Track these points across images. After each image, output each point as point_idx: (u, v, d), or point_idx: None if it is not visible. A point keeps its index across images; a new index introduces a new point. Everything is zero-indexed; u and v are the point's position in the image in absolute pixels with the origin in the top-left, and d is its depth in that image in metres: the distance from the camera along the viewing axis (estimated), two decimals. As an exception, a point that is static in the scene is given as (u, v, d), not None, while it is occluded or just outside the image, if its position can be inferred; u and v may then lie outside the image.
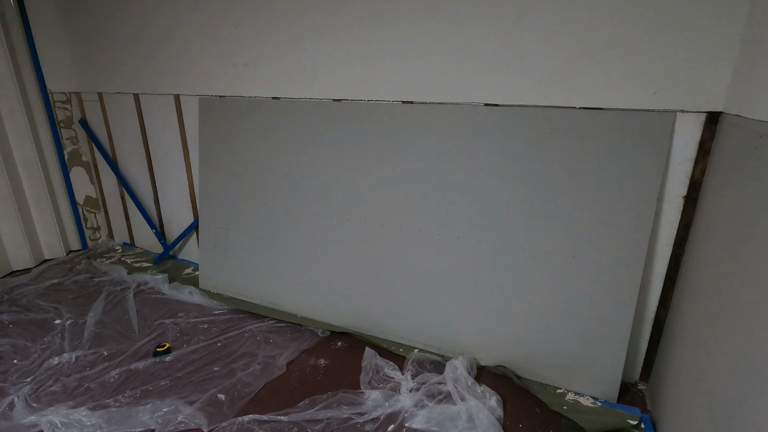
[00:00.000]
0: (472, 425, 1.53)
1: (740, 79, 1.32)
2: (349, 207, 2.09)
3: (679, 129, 1.50)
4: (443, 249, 1.90)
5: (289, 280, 2.30)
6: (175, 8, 2.35)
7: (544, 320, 1.75)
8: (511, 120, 1.72)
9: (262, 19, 2.13)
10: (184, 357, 1.99)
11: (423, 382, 1.77)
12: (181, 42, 2.39)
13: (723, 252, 1.23)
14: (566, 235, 1.68)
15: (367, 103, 2.00)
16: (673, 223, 1.60)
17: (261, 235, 2.36)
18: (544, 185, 1.69)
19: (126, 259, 3.01)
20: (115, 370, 1.89)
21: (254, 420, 1.61)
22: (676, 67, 1.45)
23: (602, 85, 1.57)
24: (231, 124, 2.35)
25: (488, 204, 1.79)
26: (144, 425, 1.59)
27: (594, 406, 1.65)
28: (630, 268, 1.59)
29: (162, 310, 2.39)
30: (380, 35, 1.88)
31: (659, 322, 1.72)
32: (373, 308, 2.09)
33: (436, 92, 1.85)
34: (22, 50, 2.68)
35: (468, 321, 1.89)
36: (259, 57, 2.21)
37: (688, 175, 1.54)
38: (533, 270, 1.74)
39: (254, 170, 2.32)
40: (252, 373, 1.87)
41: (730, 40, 1.36)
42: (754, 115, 1.15)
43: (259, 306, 2.37)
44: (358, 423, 1.60)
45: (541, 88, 1.66)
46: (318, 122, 2.11)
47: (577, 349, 1.71)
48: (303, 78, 2.13)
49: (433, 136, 1.86)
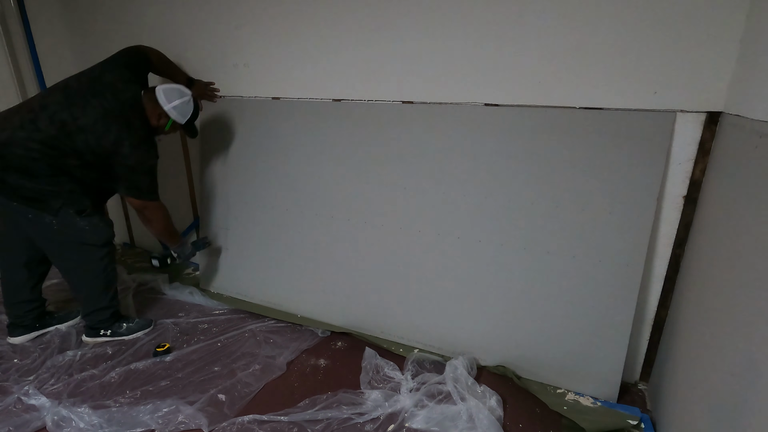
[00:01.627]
0: (472, 425, 1.53)
1: (740, 79, 1.32)
2: (349, 207, 2.09)
3: (679, 129, 1.50)
4: (443, 249, 1.90)
5: (290, 280, 2.30)
6: (175, 8, 2.35)
7: (544, 320, 1.75)
8: (511, 120, 1.72)
9: (262, 19, 2.13)
10: (184, 357, 1.99)
11: (423, 382, 1.77)
12: (181, 42, 2.39)
13: (723, 252, 1.23)
14: (566, 235, 1.68)
15: (367, 103, 2.00)
16: (673, 223, 1.60)
17: (261, 235, 2.36)
18: (544, 185, 1.69)
19: (126, 260, 3.01)
20: (115, 370, 1.89)
21: (254, 420, 1.61)
22: (676, 67, 1.45)
23: (602, 85, 1.57)
24: (231, 124, 2.35)
25: (488, 204, 1.79)
26: (144, 425, 1.59)
27: (594, 406, 1.66)
28: (630, 268, 1.59)
29: (162, 310, 2.39)
30: (380, 35, 1.88)
31: (659, 322, 1.73)
32: (373, 308, 2.09)
33: (436, 92, 1.85)
34: (22, 50, 2.68)
35: (468, 321, 1.89)
36: (259, 57, 2.21)
37: (688, 175, 1.54)
38: (533, 270, 1.74)
39: (254, 170, 2.32)
40: (252, 373, 1.87)
41: (730, 40, 1.36)
42: (754, 115, 1.15)
43: (259, 306, 2.37)
44: (358, 423, 1.60)
45: (541, 88, 1.66)
46: (318, 122, 2.11)
47: (577, 349, 1.71)
48: (303, 78, 2.13)
49: (433, 136, 1.86)
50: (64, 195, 1.82)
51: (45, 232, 1.86)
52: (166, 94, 1.91)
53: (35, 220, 1.82)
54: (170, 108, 1.91)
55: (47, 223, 1.83)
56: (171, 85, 1.95)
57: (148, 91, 1.92)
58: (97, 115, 1.78)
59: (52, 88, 1.86)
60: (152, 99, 1.91)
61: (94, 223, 1.92)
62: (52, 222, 1.83)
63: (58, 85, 1.87)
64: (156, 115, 1.92)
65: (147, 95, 1.91)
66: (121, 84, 1.85)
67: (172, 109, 1.92)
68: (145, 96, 1.90)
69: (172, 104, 1.91)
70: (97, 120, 1.78)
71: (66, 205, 1.83)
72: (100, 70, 1.89)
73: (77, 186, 1.86)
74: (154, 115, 1.92)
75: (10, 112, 1.82)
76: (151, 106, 1.91)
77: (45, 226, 1.84)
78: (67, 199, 1.83)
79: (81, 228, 1.89)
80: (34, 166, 1.75)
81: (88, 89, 1.82)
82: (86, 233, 1.90)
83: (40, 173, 1.77)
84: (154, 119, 1.93)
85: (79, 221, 1.87)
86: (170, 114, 1.92)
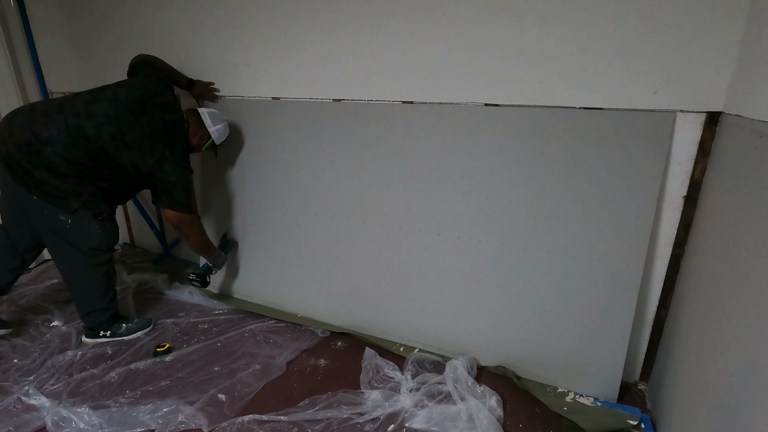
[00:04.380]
0: (472, 425, 1.53)
1: (740, 79, 1.32)
2: (349, 207, 2.09)
3: (679, 129, 1.50)
4: (443, 249, 1.90)
5: (289, 280, 2.30)
6: (175, 8, 2.35)
7: (544, 320, 1.75)
8: (511, 120, 1.72)
9: (262, 19, 2.13)
10: (184, 357, 1.99)
11: (423, 382, 1.77)
12: (181, 42, 2.39)
13: (723, 252, 1.23)
14: (566, 235, 1.68)
15: (367, 103, 2.00)
16: (673, 223, 1.60)
17: (261, 234, 2.36)
18: (545, 185, 1.69)
19: (126, 260, 3.01)
20: (115, 370, 1.89)
21: (254, 420, 1.61)
22: (676, 67, 1.45)
23: (602, 85, 1.56)
24: (231, 124, 2.35)
25: (488, 204, 1.79)
26: (144, 425, 1.59)
27: (594, 406, 1.66)
28: (630, 268, 1.59)
29: (162, 310, 2.39)
30: (380, 35, 1.88)
31: (659, 322, 1.73)
32: (373, 308, 2.09)
33: (436, 92, 1.85)
34: (22, 50, 2.68)
35: (468, 321, 1.89)
36: (259, 57, 2.21)
37: (688, 175, 1.54)
38: (533, 270, 1.74)
39: (254, 170, 2.32)
40: (252, 373, 1.87)
41: (730, 40, 1.36)
42: (754, 115, 1.15)
43: (259, 306, 2.37)
44: (358, 423, 1.60)
45: (541, 88, 1.66)
46: (318, 122, 2.11)
47: (577, 349, 1.71)
48: (303, 78, 2.13)
49: (433, 136, 1.86)
50: (85, 197, 1.84)
51: (56, 229, 1.86)
52: (212, 117, 2.07)
53: (49, 216, 1.83)
54: (213, 131, 2.07)
55: (61, 220, 1.84)
56: (213, 110, 2.11)
57: (191, 113, 2.03)
58: (144, 134, 1.86)
59: (98, 97, 1.87)
60: (197, 121, 2.03)
61: (106, 228, 1.95)
62: (66, 220, 1.84)
63: (106, 94, 1.88)
64: (198, 136, 2.04)
65: (191, 116, 2.02)
66: (169, 107, 1.96)
67: (215, 132, 2.08)
68: (189, 117, 2.01)
69: (216, 127, 2.07)
70: (144, 138, 1.86)
71: (84, 207, 1.85)
72: (150, 87, 1.94)
73: (100, 191, 1.89)
74: (196, 136, 2.04)
75: (49, 107, 1.82)
76: (195, 128, 2.02)
77: (58, 224, 1.85)
78: (88, 201, 1.85)
79: (93, 231, 1.90)
80: (68, 168, 1.79)
81: (138, 107, 1.88)
82: (96, 237, 1.92)
83: (69, 174, 1.80)
84: (195, 139, 2.05)
85: (94, 224, 1.89)
86: (212, 135, 2.08)
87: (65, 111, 1.80)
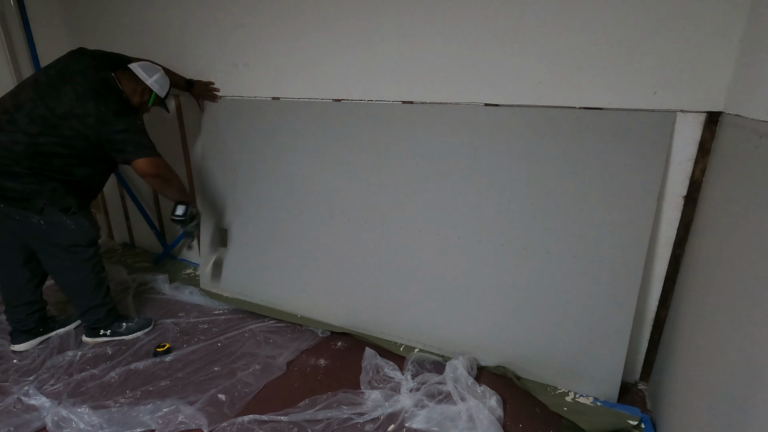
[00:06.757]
0: (472, 425, 1.53)
1: (740, 79, 1.32)
2: (349, 207, 2.09)
3: (679, 129, 1.50)
4: (443, 249, 1.90)
5: (290, 280, 2.30)
6: (174, 8, 2.35)
7: (544, 320, 1.75)
8: (511, 120, 1.72)
9: (262, 19, 2.13)
10: (184, 357, 1.99)
11: (423, 382, 1.77)
12: (180, 42, 2.39)
13: (723, 252, 1.23)
14: (566, 235, 1.68)
15: (367, 103, 2.00)
16: (673, 223, 1.60)
17: (261, 234, 2.36)
18: (544, 185, 1.69)
19: (126, 260, 3.01)
20: (115, 370, 1.89)
21: (254, 420, 1.61)
22: (676, 67, 1.45)
23: (602, 85, 1.57)
24: (231, 124, 2.35)
25: (488, 204, 1.79)
26: (144, 425, 1.59)
27: (594, 406, 1.66)
28: (630, 268, 1.59)
29: (162, 310, 2.39)
30: (380, 35, 1.88)
31: (659, 322, 1.73)
32: (373, 308, 2.09)
33: (436, 92, 1.85)
34: (22, 50, 2.68)
35: (468, 321, 1.89)
36: (259, 57, 2.21)
37: (688, 175, 1.54)
38: (533, 270, 1.74)
39: (255, 170, 2.32)
40: (252, 373, 1.87)
41: (730, 40, 1.36)
42: (754, 115, 1.15)
43: (260, 306, 2.37)
44: (358, 423, 1.60)
45: (541, 88, 1.66)
46: (318, 122, 2.11)
47: (577, 349, 1.71)
48: (303, 78, 2.13)
49: (433, 136, 1.86)
50: (46, 194, 1.81)
51: (34, 233, 1.85)
52: (145, 69, 1.94)
53: (23, 221, 1.82)
54: (152, 82, 1.96)
55: (34, 222, 1.82)
56: (143, 62, 1.98)
57: (122, 71, 1.92)
58: (72, 100, 1.76)
59: (22, 86, 1.82)
60: (132, 78, 1.92)
61: (80, 223, 1.91)
62: (39, 222, 1.82)
63: (27, 81, 1.84)
64: (138, 92, 1.93)
65: (124, 75, 1.91)
66: (90, 70, 1.83)
67: (154, 83, 1.96)
68: (121, 76, 1.90)
69: (153, 78, 1.96)
70: (73, 104, 1.76)
71: (49, 204, 1.82)
72: (67, 60, 1.86)
73: (59, 185, 1.84)
74: (137, 93, 1.93)
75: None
76: (132, 85, 1.92)
77: (33, 226, 1.83)
78: (50, 197, 1.82)
79: (68, 228, 1.88)
80: (17, 167, 1.75)
81: (58, 79, 1.79)
82: (74, 233, 1.90)
83: (22, 173, 1.76)
84: (137, 96, 1.93)
85: (66, 220, 1.87)
86: (153, 88, 1.96)
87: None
